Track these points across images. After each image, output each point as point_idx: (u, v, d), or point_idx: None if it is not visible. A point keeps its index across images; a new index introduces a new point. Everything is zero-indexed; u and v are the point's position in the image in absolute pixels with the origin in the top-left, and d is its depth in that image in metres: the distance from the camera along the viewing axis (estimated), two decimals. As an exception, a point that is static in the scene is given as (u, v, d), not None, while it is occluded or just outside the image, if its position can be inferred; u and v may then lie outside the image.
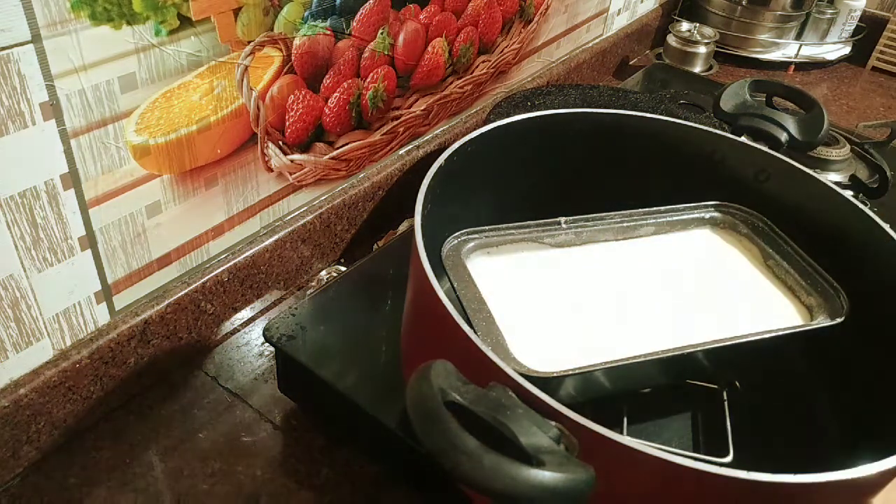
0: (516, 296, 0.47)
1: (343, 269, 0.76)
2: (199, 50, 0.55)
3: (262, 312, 0.72)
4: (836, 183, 0.79)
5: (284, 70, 0.62)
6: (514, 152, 0.53)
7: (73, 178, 0.51)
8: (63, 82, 0.47)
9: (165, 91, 0.54)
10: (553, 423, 0.33)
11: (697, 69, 1.16)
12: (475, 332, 0.42)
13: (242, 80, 0.59)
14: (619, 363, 0.42)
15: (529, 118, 0.52)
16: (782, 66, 1.24)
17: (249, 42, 0.58)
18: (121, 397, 0.61)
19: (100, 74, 0.49)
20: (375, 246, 0.78)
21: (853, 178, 0.79)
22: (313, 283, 0.75)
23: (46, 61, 0.46)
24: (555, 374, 0.40)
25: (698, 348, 0.44)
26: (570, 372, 0.41)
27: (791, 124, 0.55)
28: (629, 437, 0.32)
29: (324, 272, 0.76)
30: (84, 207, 0.52)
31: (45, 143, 0.48)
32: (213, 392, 0.64)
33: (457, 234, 0.48)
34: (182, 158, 0.58)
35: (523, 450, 0.30)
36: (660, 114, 0.79)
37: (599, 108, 0.80)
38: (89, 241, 0.54)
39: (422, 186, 0.46)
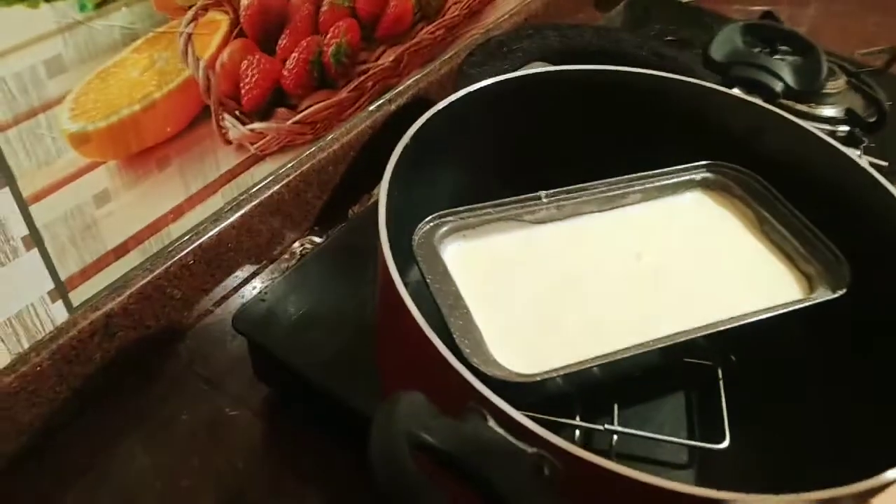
0: (497, 283, 0.44)
1: (317, 239, 0.72)
2: (133, 22, 0.49)
3: (234, 290, 0.68)
4: (832, 118, 0.75)
5: (233, 34, 0.57)
6: (486, 121, 0.48)
7: (5, 176, 0.46)
8: (-22, 73, 0.42)
9: (99, 71, 0.49)
10: (532, 450, 0.30)
11: (683, -6, 1.09)
12: (452, 332, 0.39)
13: (187, 50, 0.54)
14: (609, 358, 0.39)
15: (500, 81, 0.48)
16: (773, -16, 1.17)
17: (190, 7, 0.52)
18: (90, 394, 0.58)
19: (21, 60, 0.44)
20: (351, 212, 0.74)
21: (849, 111, 0.75)
22: (286, 256, 0.71)
23: (-46, 52, 0.41)
24: (538, 378, 0.37)
25: (692, 335, 0.41)
26: (557, 373, 0.38)
27: (787, 72, 0.51)
28: (615, 463, 0.29)
29: (297, 244, 0.72)
30: (23, 205, 0.48)
31: (-34, 143, 0.43)
32: (187, 381, 0.61)
33: (429, 218, 0.45)
34: (127, 141, 0.53)
35: (501, 497, 0.27)
36: (645, 54, 0.75)
37: (580, 50, 0.75)
38: (34, 239, 0.50)
39: (385, 172, 0.42)
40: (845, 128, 0.74)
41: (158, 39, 0.51)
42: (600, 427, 0.44)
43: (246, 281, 0.69)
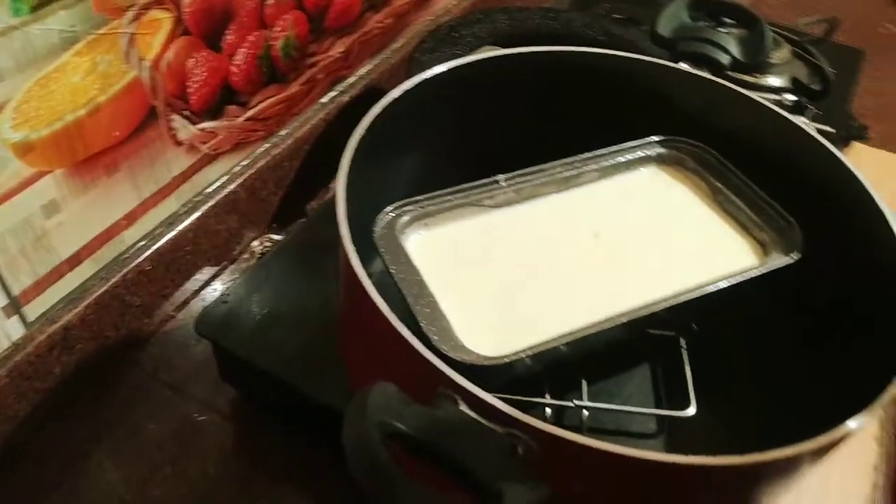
0: (460, 270, 0.44)
1: (276, 237, 0.71)
2: (72, 25, 0.48)
3: (195, 293, 0.67)
4: (778, 88, 0.76)
5: (177, 32, 0.56)
6: (440, 109, 0.48)
7: (-54, 191, 0.45)
8: None
9: (40, 77, 0.47)
10: (505, 431, 0.30)
11: (628, -28, 1.10)
12: (419, 321, 0.39)
13: (130, 51, 0.53)
14: (575, 335, 0.40)
15: (452, 68, 0.48)
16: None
17: (130, 7, 0.51)
18: (52, 409, 0.57)
19: (-47, 70, 0.43)
20: (309, 207, 0.74)
21: (794, 80, 0.76)
22: (246, 255, 0.70)
23: None
24: (506, 360, 0.38)
25: (656, 307, 0.42)
26: (525, 353, 0.38)
27: (733, 45, 0.52)
28: (587, 438, 0.30)
29: (256, 242, 0.71)
30: (-33, 221, 0.47)
31: None
32: (152, 388, 0.60)
33: (388, 208, 0.44)
34: (73, 148, 0.51)
35: (476, 480, 0.27)
36: (595, 33, 0.75)
37: (530, 32, 0.75)
38: (-19, 255, 0.48)
39: (342, 165, 0.41)
40: (792, 97, 0.76)
41: (100, 42, 0.50)
42: (570, 404, 0.45)
43: (207, 283, 0.68)
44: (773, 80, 0.77)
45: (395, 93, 0.44)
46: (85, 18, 0.48)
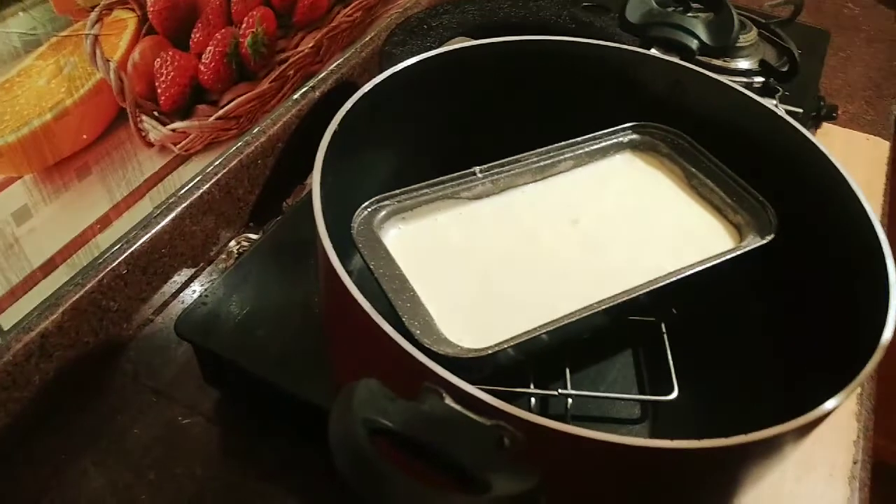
0: (440, 263, 0.44)
1: (253, 236, 0.71)
2: (33, 27, 0.47)
3: (174, 296, 0.66)
4: (747, 70, 0.77)
5: (143, 32, 0.55)
6: (412, 102, 0.48)
7: (-88, 202, 0.44)
8: None
9: (2, 82, 0.46)
10: (492, 423, 0.30)
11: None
12: (400, 316, 0.39)
13: (94, 53, 0.52)
14: (556, 324, 0.40)
15: (421, 60, 0.47)
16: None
17: (93, 7, 0.50)
18: (33, 419, 0.56)
19: (-86, 78, 0.42)
20: (285, 204, 0.73)
21: (762, 63, 0.77)
22: (223, 256, 0.70)
23: None
24: (489, 352, 0.38)
25: (636, 293, 0.42)
26: (507, 344, 0.38)
27: (701, 29, 0.52)
28: (572, 426, 0.30)
29: (233, 242, 0.70)
30: (-64, 231, 0.46)
31: None
32: (135, 393, 0.60)
33: (366, 204, 0.44)
34: (42, 153, 0.51)
35: (464, 471, 0.27)
36: (564, 21, 0.75)
37: (500, 22, 0.75)
38: (-48, 265, 0.48)
39: (316, 162, 0.41)
40: (760, 79, 0.76)
41: (63, 44, 0.49)
42: (555, 392, 0.45)
43: (185, 285, 0.67)
44: (742, 63, 0.78)
45: (366, 88, 0.44)
46: (46, 20, 0.47)
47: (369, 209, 0.44)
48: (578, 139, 0.51)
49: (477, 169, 0.48)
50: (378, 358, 0.34)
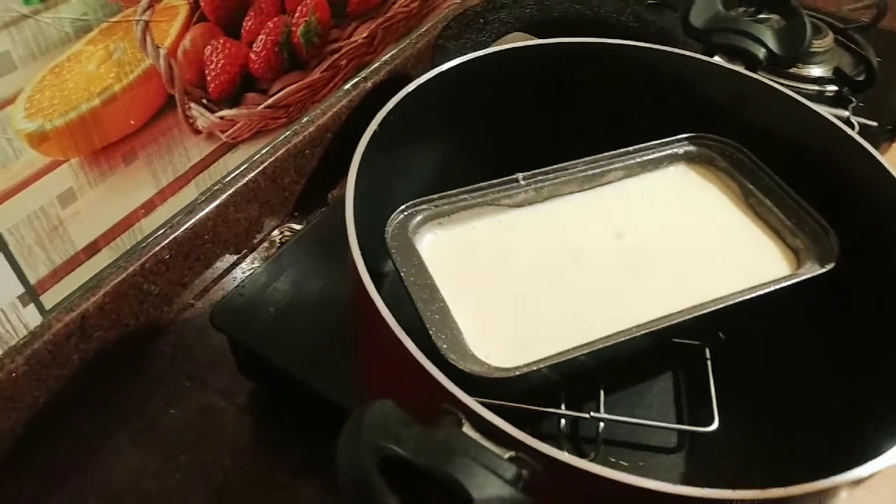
0: (475, 272, 0.43)
1: (297, 226, 0.70)
2: (85, 13, 0.47)
3: (215, 282, 0.67)
4: (819, 78, 0.73)
5: (194, 19, 0.55)
6: (458, 102, 0.46)
7: (-40, 182, 0.45)
8: (-80, 77, 0.40)
9: (53, 66, 0.47)
10: (509, 455, 0.29)
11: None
12: (427, 328, 0.38)
13: (145, 39, 0.52)
14: (593, 346, 0.38)
15: (469, 60, 0.46)
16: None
17: (146, -6, 0.50)
18: (71, 397, 0.57)
19: (-35, 61, 0.42)
20: (330, 195, 0.73)
21: (837, 71, 0.73)
22: (266, 244, 0.70)
23: None
24: (517, 373, 0.36)
25: (681, 318, 0.40)
26: (538, 366, 0.37)
27: (770, 37, 0.49)
28: (596, 465, 0.28)
29: (276, 231, 0.70)
30: (-18, 211, 0.47)
31: (-86, 151, 0.42)
32: (170, 377, 0.60)
33: (402, 208, 0.43)
34: (89, 137, 0.51)
35: (476, 508, 0.26)
36: (625, 19, 0.72)
37: (558, 18, 0.72)
38: (-2, 244, 0.48)
39: (353, 160, 0.40)
40: (833, 88, 0.72)
41: (114, 29, 0.49)
42: (586, 415, 0.43)
43: (226, 272, 0.67)
44: (815, 70, 0.73)
45: (408, 88, 0.43)
46: (98, 6, 0.47)
47: (405, 213, 0.43)
48: (630, 148, 0.48)
49: (520, 175, 0.46)
50: (399, 373, 0.33)
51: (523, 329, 0.41)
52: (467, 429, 0.29)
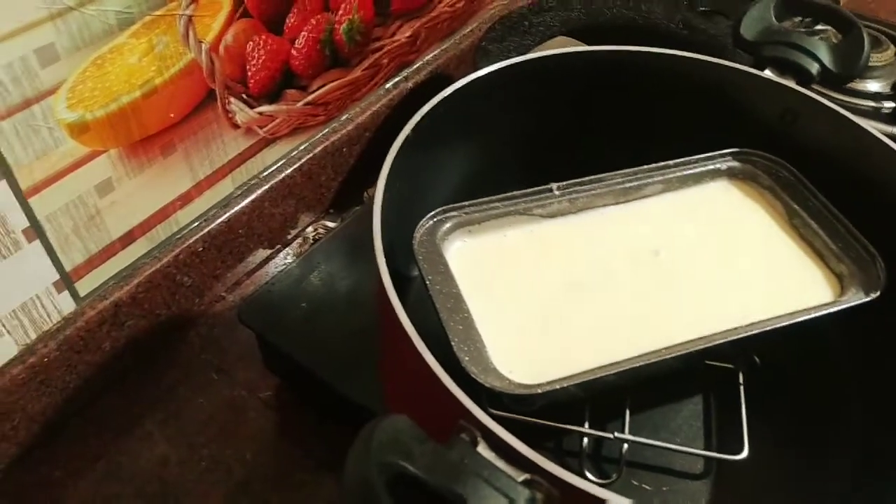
0: (502, 283, 0.42)
1: (331, 224, 0.70)
2: (129, 6, 0.47)
3: (246, 276, 0.67)
4: (877, 94, 0.70)
5: (237, 14, 0.55)
6: (495, 109, 0.45)
7: (2, 169, 0.45)
8: (-35, 66, 0.41)
9: (95, 58, 0.47)
10: (523, 477, 0.28)
11: (723, -43, 1.03)
12: (450, 339, 0.37)
13: (188, 33, 0.52)
14: (621, 366, 0.37)
15: (509, 65, 0.45)
16: (821, -56, 1.10)
17: (189, -12, 0.50)
18: (101, 384, 0.58)
19: (10, 50, 0.43)
20: (366, 194, 0.72)
21: (896, 87, 0.70)
22: (300, 240, 0.70)
23: (-61, 45, 0.39)
24: (539, 391, 0.35)
25: (715, 342, 0.38)
26: (561, 384, 0.36)
27: (824, 52, 0.47)
28: (614, 494, 0.27)
29: (310, 227, 0.70)
30: (22, 198, 0.47)
31: (-43, 137, 0.42)
32: (198, 369, 0.61)
33: (432, 213, 0.42)
34: (128, 129, 0.51)
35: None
36: (675, 26, 0.70)
37: (605, 22, 0.71)
38: (36, 231, 0.49)
39: (384, 164, 0.39)
40: (891, 104, 0.69)
41: (157, 23, 0.50)
42: (610, 435, 0.42)
43: (259, 266, 0.68)
44: (872, 85, 0.70)
45: (445, 93, 0.42)
46: (142, 0, 0.48)
47: (435, 219, 0.42)
48: (671, 162, 0.47)
49: (554, 185, 0.45)
50: (418, 384, 0.33)
51: (549, 345, 0.40)
52: (482, 448, 0.29)
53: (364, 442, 0.26)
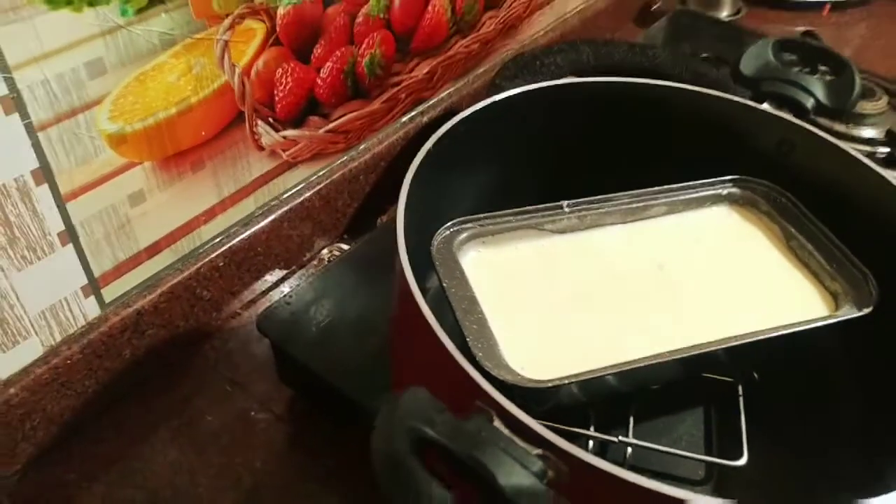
0: (514, 290, 0.44)
1: (345, 247, 0.73)
2: (172, 28, 0.51)
3: (262, 294, 0.69)
4: (871, 139, 0.74)
5: (269, 42, 0.58)
6: (511, 130, 0.48)
7: (45, 173, 0.48)
8: (23, 73, 0.44)
9: (138, 74, 0.51)
10: (537, 452, 0.30)
11: (724, 13, 1.08)
12: (465, 336, 0.40)
13: (223, 57, 0.56)
14: (626, 367, 0.39)
15: (526, 91, 0.48)
16: (817, 6, 1.15)
17: (228, 15, 0.54)
18: (118, 390, 0.60)
19: (64, 62, 0.46)
20: (379, 220, 0.75)
21: (889, 133, 0.73)
22: (315, 262, 0.72)
23: (1, 51, 0.43)
24: (549, 385, 0.37)
25: (712, 348, 0.40)
26: (569, 380, 0.38)
27: (819, 89, 0.50)
28: (623, 469, 0.29)
29: (325, 250, 0.73)
30: (60, 202, 0.50)
31: (9, 139, 0.45)
32: (213, 381, 0.62)
33: (448, 224, 0.45)
34: (163, 143, 0.55)
35: (502, 493, 0.27)
36: (680, 71, 0.74)
37: (613, 66, 0.75)
38: (70, 235, 0.52)
39: (406, 176, 0.42)
40: (885, 149, 0.73)
41: (196, 46, 0.53)
42: (614, 439, 0.44)
43: (275, 285, 0.70)
44: (867, 132, 0.74)
45: (465, 113, 0.45)
46: (184, 23, 0.51)
47: (451, 229, 0.45)
48: (674, 185, 0.50)
49: (564, 203, 0.47)
50: (435, 371, 0.35)
51: (557, 348, 0.42)
52: (497, 424, 0.31)
53: (390, 408, 0.28)
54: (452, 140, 0.45)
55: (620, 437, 0.44)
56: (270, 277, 0.70)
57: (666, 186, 0.50)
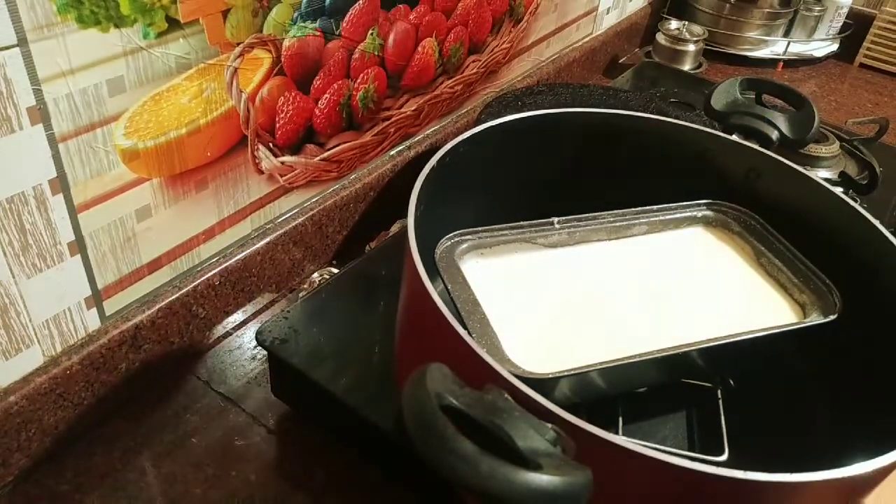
0: (510, 297, 0.47)
1: (335, 270, 0.75)
2: (188, 52, 0.54)
3: (254, 315, 0.71)
4: (826, 180, 0.79)
5: (274, 72, 0.62)
6: (507, 152, 0.52)
7: (61, 183, 0.50)
8: (50, 86, 0.47)
9: (154, 94, 0.53)
10: (549, 425, 0.32)
11: (687, 67, 1.16)
12: (470, 335, 0.42)
13: (232, 83, 0.59)
14: (613, 363, 0.42)
15: (521, 118, 0.52)
16: (771, 63, 1.25)
17: (238, 44, 0.58)
18: (113, 403, 0.60)
19: (88, 78, 0.49)
20: (368, 247, 0.78)
21: (843, 174, 0.79)
22: (305, 286, 0.75)
23: (33, 65, 0.45)
24: (549, 376, 0.40)
25: (692, 348, 0.44)
26: (565, 373, 0.41)
27: (782, 122, 0.56)
28: (624, 438, 0.32)
29: (316, 274, 0.75)
30: (73, 213, 0.52)
31: (32, 148, 0.47)
32: (205, 396, 0.64)
33: (450, 235, 0.48)
34: (172, 162, 0.57)
35: (520, 453, 0.29)
36: (650, 112, 0.80)
37: (591, 107, 0.80)
38: (79, 246, 0.53)
39: (414, 188, 0.45)
40: (839, 189, 0.78)
41: (208, 70, 0.56)
42: (605, 435, 0.47)
43: (265, 307, 0.72)
44: (823, 173, 0.80)
45: (465, 135, 0.49)
46: (199, 48, 0.55)
47: (452, 240, 0.48)
48: (654, 207, 0.54)
49: (555, 219, 0.51)
50: (449, 359, 0.37)
51: (551, 346, 0.45)
52: (510, 399, 0.33)
53: (418, 378, 0.30)
54: (453, 160, 0.49)
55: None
56: (262, 299, 0.72)
57: (647, 207, 0.54)
